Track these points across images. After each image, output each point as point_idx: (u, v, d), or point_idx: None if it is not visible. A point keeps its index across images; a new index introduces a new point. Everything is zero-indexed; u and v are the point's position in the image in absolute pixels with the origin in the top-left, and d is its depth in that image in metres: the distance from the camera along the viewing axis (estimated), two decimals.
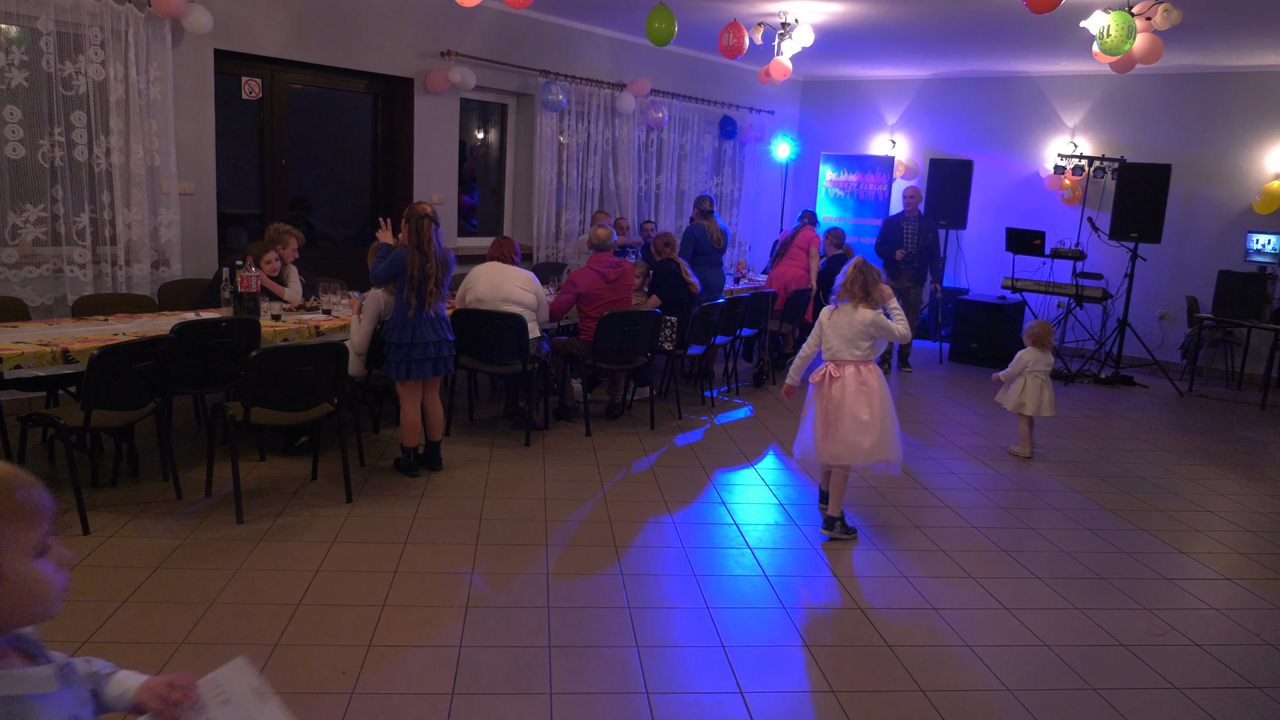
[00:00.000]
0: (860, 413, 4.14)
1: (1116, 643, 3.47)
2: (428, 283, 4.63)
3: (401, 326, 4.67)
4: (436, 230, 4.69)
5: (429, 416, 4.95)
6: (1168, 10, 5.60)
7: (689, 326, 6.37)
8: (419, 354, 4.70)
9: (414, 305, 4.64)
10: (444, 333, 4.79)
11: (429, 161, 7.42)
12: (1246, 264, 8.43)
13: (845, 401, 4.16)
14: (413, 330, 4.67)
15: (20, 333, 4.34)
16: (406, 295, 4.65)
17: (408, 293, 4.64)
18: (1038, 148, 9.90)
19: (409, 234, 4.66)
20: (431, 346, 4.73)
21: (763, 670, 3.13)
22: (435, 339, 4.73)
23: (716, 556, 4.09)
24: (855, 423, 4.14)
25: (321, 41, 6.52)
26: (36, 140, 5.21)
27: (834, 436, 4.18)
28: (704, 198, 7.58)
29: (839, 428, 4.17)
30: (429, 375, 4.77)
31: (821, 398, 4.24)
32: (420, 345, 4.69)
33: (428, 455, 4.98)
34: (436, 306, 4.73)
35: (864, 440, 4.14)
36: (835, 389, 4.19)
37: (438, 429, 4.98)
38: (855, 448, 4.16)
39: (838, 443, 4.18)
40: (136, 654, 2.98)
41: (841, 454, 4.19)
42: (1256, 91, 8.64)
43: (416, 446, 4.89)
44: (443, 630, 3.26)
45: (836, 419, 4.17)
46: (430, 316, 4.70)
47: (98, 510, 4.13)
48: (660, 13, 6.17)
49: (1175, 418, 7.44)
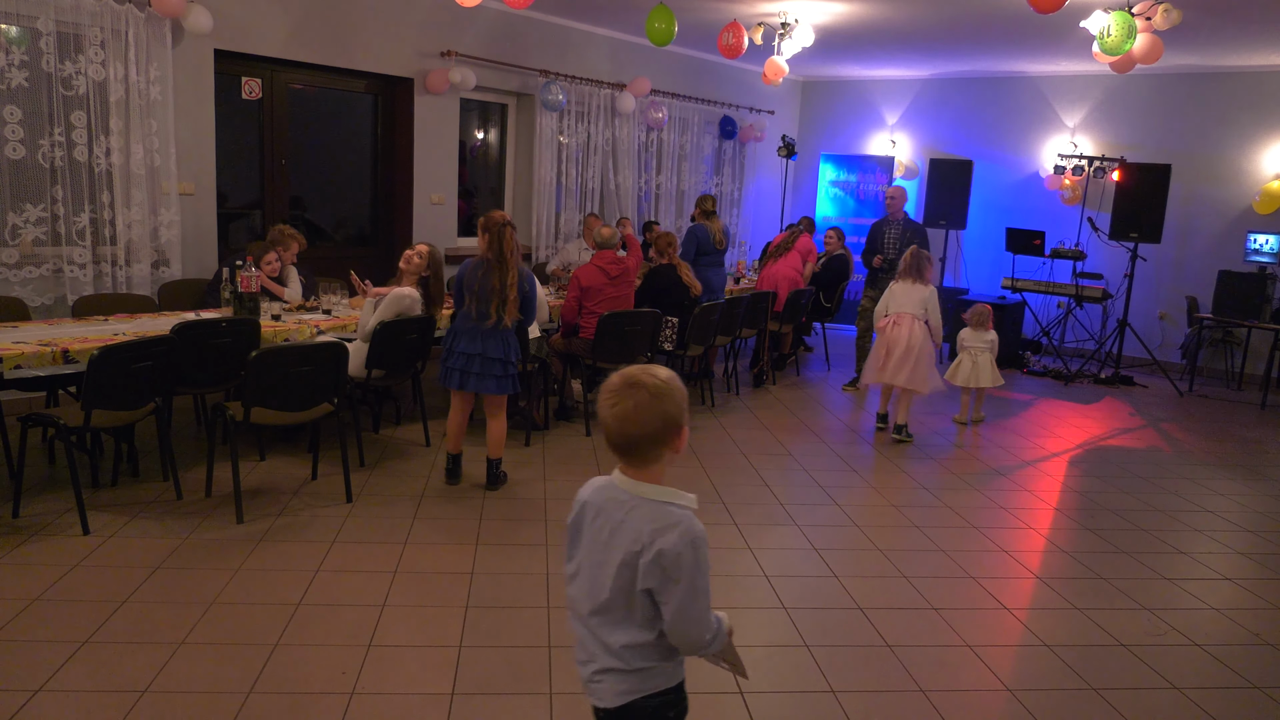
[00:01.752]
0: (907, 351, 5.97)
1: (1116, 643, 3.47)
2: (503, 289, 4.39)
3: (449, 332, 4.62)
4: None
5: (487, 431, 4.75)
6: (1168, 10, 5.60)
7: (689, 327, 6.36)
8: (453, 362, 4.56)
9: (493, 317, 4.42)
10: (489, 348, 4.49)
11: (429, 161, 7.42)
12: (1246, 264, 8.43)
13: (899, 342, 6.00)
14: (454, 336, 4.56)
15: (20, 333, 4.34)
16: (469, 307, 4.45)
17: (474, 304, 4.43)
18: (1038, 148, 9.90)
19: (490, 243, 4.42)
20: (461, 357, 4.52)
21: (763, 670, 3.13)
22: (470, 351, 4.50)
23: (716, 556, 4.08)
24: (903, 357, 5.97)
25: (321, 41, 6.52)
26: (36, 140, 5.21)
27: (889, 365, 6.04)
28: (706, 197, 7.57)
29: (891, 359, 6.03)
30: (455, 386, 4.60)
31: (884, 338, 6.10)
32: (455, 354, 4.54)
33: (488, 473, 4.76)
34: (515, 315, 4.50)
35: (905, 371, 5.98)
36: (895, 332, 6.04)
37: (494, 447, 4.72)
38: (899, 374, 6.00)
39: (890, 370, 6.04)
40: (136, 654, 2.98)
41: (894, 378, 6.03)
42: (1256, 91, 8.64)
43: (459, 454, 4.78)
44: (443, 630, 3.26)
45: (890, 353, 6.03)
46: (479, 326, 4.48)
47: (98, 510, 4.13)
48: (660, 13, 6.17)
49: (1175, 418, 7.44)
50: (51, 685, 2.78)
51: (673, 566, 1.66)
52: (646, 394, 1.68)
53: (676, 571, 1.66)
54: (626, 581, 1.70)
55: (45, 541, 3.80)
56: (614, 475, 1.77)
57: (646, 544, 1.67)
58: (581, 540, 1.80)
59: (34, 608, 3.25)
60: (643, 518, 1.70)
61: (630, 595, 1.71)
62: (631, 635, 1.73)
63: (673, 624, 1.69)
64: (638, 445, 1.70)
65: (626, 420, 1.68)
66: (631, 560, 1.69)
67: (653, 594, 1.69)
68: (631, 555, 1.69)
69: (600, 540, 1.75)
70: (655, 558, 1.66)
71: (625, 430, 1.69)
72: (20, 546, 3.74)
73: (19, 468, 4.00)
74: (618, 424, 1.69)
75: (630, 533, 1.70)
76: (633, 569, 1.69)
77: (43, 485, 4.44)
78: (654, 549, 1.66)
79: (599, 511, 1.77)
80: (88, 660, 2.93)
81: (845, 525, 4.58)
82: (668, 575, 1.66)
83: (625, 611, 1.73)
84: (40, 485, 4.43)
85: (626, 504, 1.72)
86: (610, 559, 1.72)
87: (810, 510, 4.76)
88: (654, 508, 1.70)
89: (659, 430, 1.69)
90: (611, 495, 1.75)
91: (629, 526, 1.70)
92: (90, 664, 2.91)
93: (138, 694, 2.76)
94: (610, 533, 1.73)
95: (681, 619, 1.68)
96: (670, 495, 1.73)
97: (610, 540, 1.73)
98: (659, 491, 1.72)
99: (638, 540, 1.68)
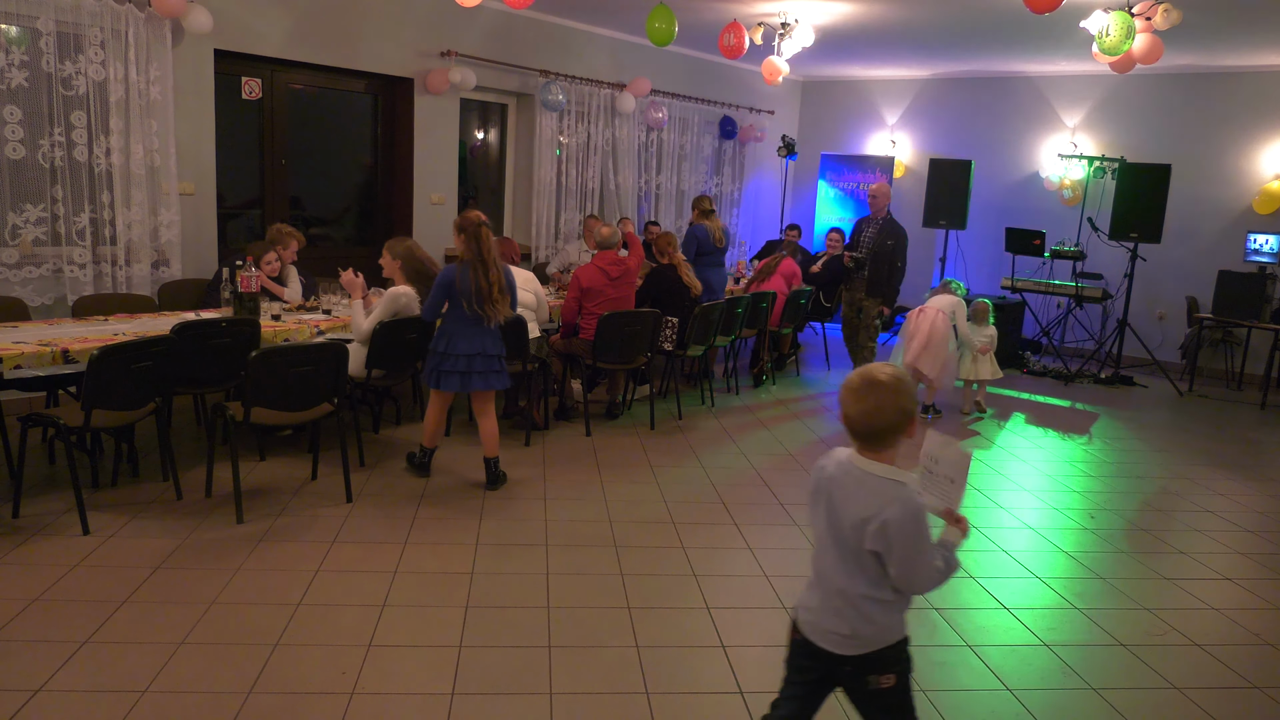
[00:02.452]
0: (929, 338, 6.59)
1: (1116, 643, 3.47)
2: (491, 290, 4.46)
3: (440, 334, 4.59)
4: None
5: (480, 431, 4.77)
6: (1168, 10, 5.60)
7: (689, 327, 6.36)
8: (449, 365, 4.56)
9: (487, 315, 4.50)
10: (486, 345, 4.57)
11: (429, 161, 7.42)
12: (1246, 264, 8.43)
13: (921, 329, 6.62)
14: (448, 338, 4.56)
15: (20, 333, 4.34)
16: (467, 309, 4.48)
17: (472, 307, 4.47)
18: (1037, 148, 9.90)
19: (467, 245, 4.49)
20: (463, 360, 4.54)
21: (763, 670, 3.13)
22: (470, 351, 4.54)
23: (716, 556, 4.09)
24: (924, 343, 6.59)
25: (321, 41, 6.52)
26: (36, 140, 5.21)
27: (912, 349, 6.63)
28: (704, 197, 7.56)
29: (914, 345, 6.64)
30: (455, 389, 4.61)
31: (909, 326, 6.72)
32: (452, 357, 4.54)
33: (487, 474, 4.76)
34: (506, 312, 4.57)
35: (926, 357, 6.57)
36: (919, 319, 6.67)
37: (489, 445, 4.75)
38: (920, 359, 6.58)
39: (912, 353, 6.62)
40: (136, 654, 2.98)
41: (916, 361, 6.60)
42: (1256, 91, 8.64)
43: (433, 449, 4.83)
44: (443, 630, 3.26)
45: (913, 340, 6.64)
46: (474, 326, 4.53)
47: (98, 510, 4.13)
48: (660, 13, 6.16)
49: (1175, 418, 7.44)
50: (51, 685, 2.78)
51: (897, 534, 1.96)
52: (888, 390, 2.00)
53: (900, 538, 1.97)
54: (856, 544, 2.03)
55: (45, 541, 3.80)
56: (851, 454, 2.09)
57: (874, 514, 1.98)
58: (820, 507, 2.12)
59: (34, 608, 3.25)
60: (871, 492, 2.01)
61: (859, 555, 2.03)
62: (860, 589, 2.05)
63: (900, 580, 2.02)
64: (879, 434, 2.02)
65: (870, 414, 2.01)
66: (860, 526, 2.01)
67: (880, 556, 2.01)
68: (861, 522, 2.00)
69: (835, 507, 2.08)
70: (881, 527, 1.97)
71: (869, 422, 2.02)
72: (20, 546, 3.74)
73: (19, 468, 4.00)
74: (862, 417, 2.02)
75: (860, 503, 2.02)
76: (860, 534, 2.01)
77: (43, 485, 4.44)
78: (880, 519, 1.97)
79: (836, 483, 2.09)
80: (88, 660, 2.93)
81: None
82: (891, 541, 1.97)
83: (856, 568, 2.05)
84: (40, 485, 4.43)
85: (859, 479, 2.04)
86: (844, 523, 2.05)
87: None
88: (882, 484, 2.01)
89: (898, 420, 2.01)
90: (848, 471, 2.08)
91: (860, 499, 2.02)
92: (90, 664, 2.91)
93: (138, 694, 2.76)
94: (843, 501, 2.06)
95: (908, 576, 2.01)
96: (896, 474, 2.03)
97: (844, 508, 2.05)
98: (888, 471, 2.03)
99: (866, 510, 2.00)
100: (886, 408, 2.00)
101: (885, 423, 2.00)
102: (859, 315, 7.34)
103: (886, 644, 2.08)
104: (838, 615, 2.07)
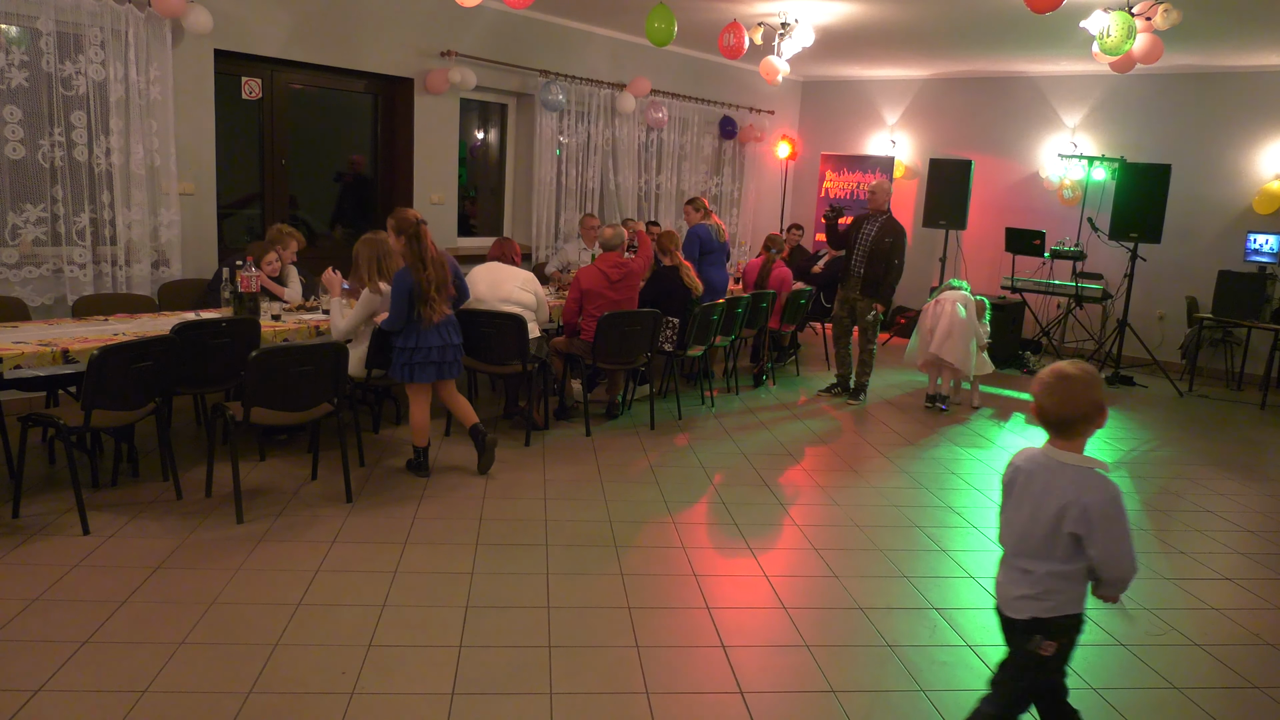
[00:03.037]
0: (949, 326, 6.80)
1: (1116, 643, 3.47)
2: (429, 289, 4.57)
3: (407, 330, 4.66)
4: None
5: (455, 410, 5.01)
6: (1168, 10, 5.60)
7: (689, 327, 6.36)
8: (421, 358, 4.67)
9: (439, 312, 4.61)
10: (450, 336, 4.76)
11: (429, 161, 7.42)
12: (1246, 264, 8.43)
13: (941, 318, 6.84)
14: (417, 335, 4.65)
15: (20, 333, 4.34)
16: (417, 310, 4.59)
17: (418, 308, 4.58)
18: (1037, 147, 9.90)
19: (406, 246, 4.58)
20: (435, 351, 4.69)
21: (763, 670, 3.13)
22: (440, 343, 4.70)
23: (716, 556, 4.09)
24: (945, 332, 6.79)
25: (321, 41, 6.52)
26: (36, 140, 5.21)
27: (935, 338, 6.86)
28: (698, 198, 7.53)
29: (935, 335, 6.85)
30: (432, 379, 4.75)
31: (926, 318, 6.98)
32: (424, 350, 4.67)
33: (475, 443, 4.94)
34: (444, 312, 4.67)
35: (948, 344, 6.80)
36: (937, 310, 6.91)
37: (468, 416, 4.97)
38: (943, 347, 6.80)
39: (936, 342, 6.85)
40: (136, 654, 2.98)
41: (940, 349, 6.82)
42: (1256, 91, 8.64)
43: (426, 446, 4.89)
44: (443, 630, 3.26)
45: (934, 331, 6.86)
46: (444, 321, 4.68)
47: (98, 510, 4.13)
48: (660, 13, 6.16)
49: (1175, 418, 7.44)
50: (51, 685, 2.78)
51: (1099, 517, 2.16)
52: (1080, 384, 2.18)
53: (1102, 521, 2.16)
54: (1054, 527, 2.21)
55: (45, 541, 3.80)
56: (1045, 447, 2.29)
57: (1074, 499, 2.17)
58: (1014, 494, 2.33)
59: (34, 608, 3.25)
60: (1069, 480, 2.20)
61: (1055, 537, 2.22)
62: (1051, 566, 2.24)
63: (1102, 561, 2.20)
64: (1072, 424, 2.21)
65: (1064, 406, 2.19)
66: (1060, 511, 2.19)
67: (1079, 539, 2.20)
68: (1060, 508, 2.19)
69: (1032, 495, 2.26)
70: (1082, 511, 2.17)
71: (1062, 414, 2.20)
72: (20, 546, 3.74)
73: (19, 468, 4.00)
74: (1056, 409, 2.20)
75: (1059, 491, 2.20)
76: (1060, 518, 2.19)
77: (43, 485, 4.44)
78: (1080, 504, 2.17)
79: (1030, 475, 2.29)
80: (88, 660, 2.93)
81: (845, 525, 4.58)
82: (1093, 524, 2.17)
83: (1049, 549, 2.24)
84: (40, 485, 4.43)
85: (1055, 469, 2.24)
86: (1042, 510, 2.23)
87: (810, 510, 4.76)
88: (1079, 471, 2.21)
89: (1090, 412, 2.19)
90: (1042, 462, 2.27)
91: (1058, 486, 2.21)
92: (90, 664, 2.91)
93: (138, 694, 2.76)
94: (1042, 491, 2.25)
95: (1110, 557, 2.19)
96: (1091, 462, 2.22)
97: (1042, 496, 2.24)
98: (1082, 459, 2.22)
99: (1065, 497, 2.19)
100: (1080, 400, 2.18)
101: (1078, 414, 2.19)
102: (851, 315, 7.14)
103: (1060, 614, 2.27)
104: (1019, 584, 2.29)
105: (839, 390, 7.38)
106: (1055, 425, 2.23)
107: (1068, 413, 2.19)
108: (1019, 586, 2.30)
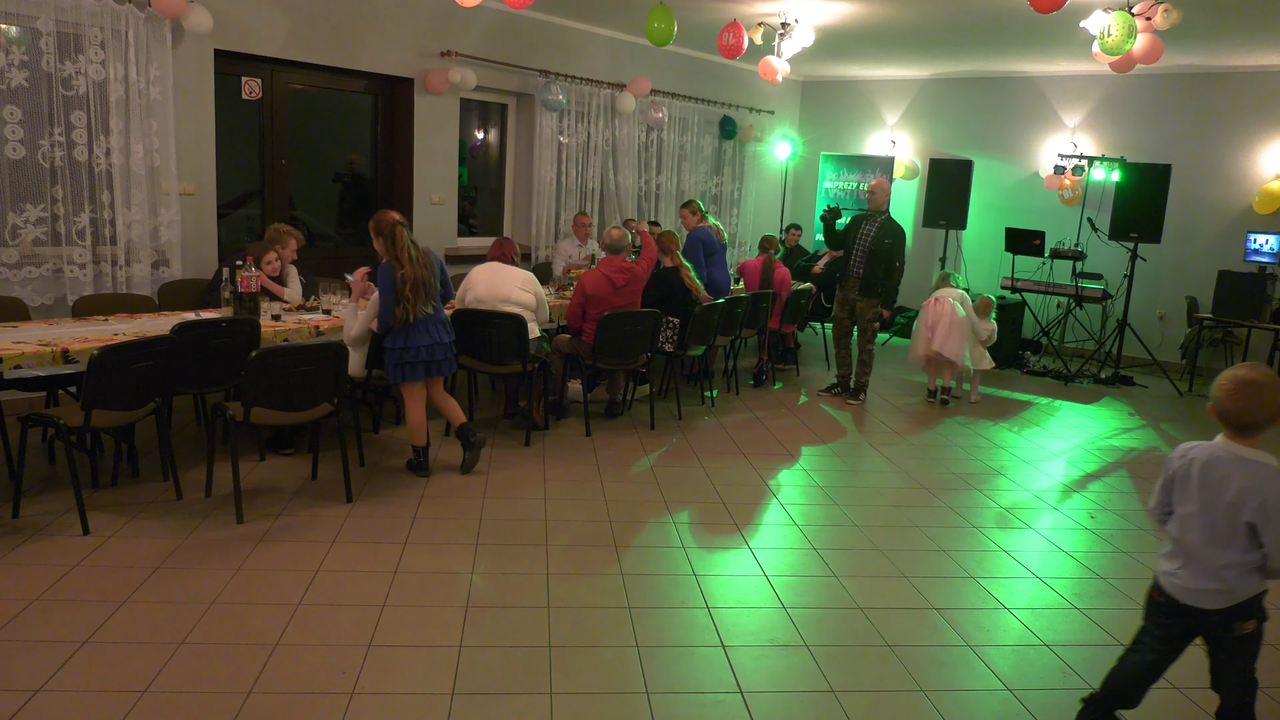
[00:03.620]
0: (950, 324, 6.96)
1: (1116, 642, 3.47)
2: (403, 288, 4.54)
3: (395, 331, 4.64)
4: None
5: (443, 410, 5.00)
6: (1168, 10, 5.60)
7: (689, 327, 6.36)
8: (410, 357, 4.66)
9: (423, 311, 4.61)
10: (439, 335, 4.74)
11: (429, 161, 7.42)
12: (1246, 264, 8.43)
13: (942, 316, 6.99)
14: (405, 334, 4.63)
15: (20, 333, 4.34)
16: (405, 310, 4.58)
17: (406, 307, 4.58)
18: (1037, 148, 9.89)
19: (385, 246, 4.59)
20: (424, 350, 4.68)
21: (763, 670, 3.13)
22: (428, 342, 4.69)
23: (716, 557, 4.09)
24: (946, 329, 6.95)
25: (321, 41, 6.52)
26: (36, 140, 5.21)
27: (936, 337, 6.99)
28: (693, 202, 7.50)
29: (936, 332, 6.99)
30: (422, 378, 4.73)
31: (926, 316, 7.10)
32: (412, 349, 4.65)
33: (462, 442, 4.99)
34: (423, 310, 4.64)
35: (949, 341, 6.96)
36: (937, 308, 7.04)
37: (456, 416, 5.00)
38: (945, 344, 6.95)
39: (938, 339, 6.98)
40: (136, 654, 2.98)
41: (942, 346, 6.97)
42: (1256, 91, 8.63)
43: (426, 446, 4.89)
44: (443, 630, 3.26)
45: (935, 328, 7.00)
46: (421, 321, 4.65)
47: (98, 510, 4.13)
48: (660, 13, 6.16)
49: (1175, 418, 7.44)
50: (51, 685, 2.78)
51: (1275, 510, 2.33)
52: (1264, 388, 2.36)
53: (1278, 513, 2.32)
54: (1232, 518, 2.38)
55: (45, 541, 3.80)
56: (1220, 441, 2.45)
57: (1254, 491, 2.34)
58: (1191, 488, 2.47)
59: (34, 608, 3.25)
60: (1248, 473, 2.37)
61: (1234, 528, 2.38)
62: (1231, 557, 2.40)
63: (1272, 551, 2.34)
64: (1256, 424, 2.39)
65: (1250, 407, 2.37)
66: (1238, 502, 2.36)
67: (1255, 528, 2.35)
68: (1238, 499, 2.36)
69: (1209, 488, 2.43)
70: (1261, 503, 2.33)
71: (1246, 416, 2.38)
72: (20, 546, 3.74)
73: (19, 468, 4.00)
74: (1241, 411, 2.38)
75: (1237, 484, 2.37)
76: (1239, 509, 2.36)
77: (43, 485, 4.44)
78: (1260, 496, 2.34)
79: (1206, 468, 2.44)
80: (88, 660, 2.93)
81: (845, 525, 4.58)
82: (1269, 515, 2.33)
83: (1228, 540, 2.40)
84: (40, 485, 4.43)
85: (1232, 463, 2.41)
86: (1219, 502, 2.40)
87: (810, 510, 4.76)
88: (1257, 466, 2.38)
89: (1274, 412, 2.36)
90: (1219, 456, 2.43)
91: (1236, 479, 2.38)
92: (90, 664, 2.91)
93: (138, 694, 2.76)
94: (1219, 483, 2.41)
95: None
96: (1267, 458, 2.39)
97: (1219, 489, 2.40)
98: (1259, 454, 2.40)
99: (1244, 490, 2.36)
100: (1266, 403, 2.35)
101: (1262, 415, 2.37)
102: (851, 315, 7.11)
103: (1247, 596, 2.44)
104: (1206, 577, 2.43)
105: (839, 390, 7.38)
106: (1237, 425, 2.41)
107: (1253, 415, 2.37)
108: (1205, 580, 2.44)
